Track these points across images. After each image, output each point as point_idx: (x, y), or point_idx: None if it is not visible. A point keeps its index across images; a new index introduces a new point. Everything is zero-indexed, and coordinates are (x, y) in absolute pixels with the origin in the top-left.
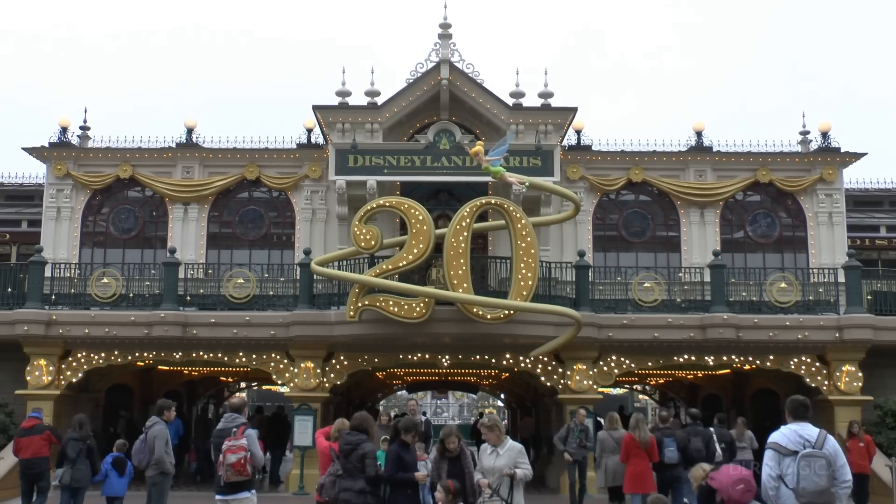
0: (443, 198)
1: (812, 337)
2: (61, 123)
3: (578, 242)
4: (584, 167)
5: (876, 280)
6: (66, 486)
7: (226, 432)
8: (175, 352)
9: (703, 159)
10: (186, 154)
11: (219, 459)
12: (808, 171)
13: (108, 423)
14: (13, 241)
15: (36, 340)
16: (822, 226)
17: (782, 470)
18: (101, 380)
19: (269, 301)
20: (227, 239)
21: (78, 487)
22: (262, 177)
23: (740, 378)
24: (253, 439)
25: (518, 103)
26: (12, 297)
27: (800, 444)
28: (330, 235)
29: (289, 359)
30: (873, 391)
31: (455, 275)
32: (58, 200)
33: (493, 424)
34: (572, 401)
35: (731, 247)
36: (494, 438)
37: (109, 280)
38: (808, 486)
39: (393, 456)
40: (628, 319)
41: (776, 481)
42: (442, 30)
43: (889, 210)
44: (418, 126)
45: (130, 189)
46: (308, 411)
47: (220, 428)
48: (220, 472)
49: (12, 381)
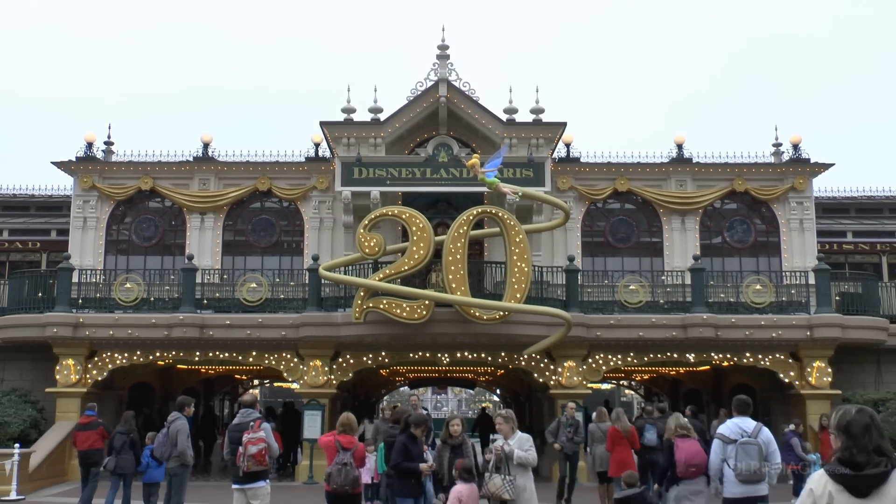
0: (441, 207)
1: (785, 335)
2: (87, 139)
3: (568, 248)
4: (573, 178)
5: (843, 282)
6: (113, 472)
7: (243, 426)
8: (193, 352)
9: (684, 170)
10: (203, 167)
11: (238, 451)
12: (781, 180)
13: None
14: (43, 249)
15: (64, 342)
16: (794, 231)
17: (726, 454)
18: (124, 378)
19: (280, 304)
20: (240, 246)
21: (123, 474)
22: (274, 188)
23: (719, 374)
24: (269, 432)
25: (511, 119)
26: (42, 302)
27: (739, 433)
28: (336, 242)
29: (299, 358)
30: (842, 385)
31: (453, 279)
32: (84, 211)
33: (508, 416)
34: (563, 396)
35: (710, 251)
36: (507, 430)
37: (132, 285)
38: (744, 467)
39: (400, 447)
40: (615, 320)
41: (721, 463)
42: (440, 51)
43: (855, 217)
44: (418, 140)
45: (151, 200)
46: (317, 406)
47: (237, 423)
48: (240, 462)
49: (43, 379)
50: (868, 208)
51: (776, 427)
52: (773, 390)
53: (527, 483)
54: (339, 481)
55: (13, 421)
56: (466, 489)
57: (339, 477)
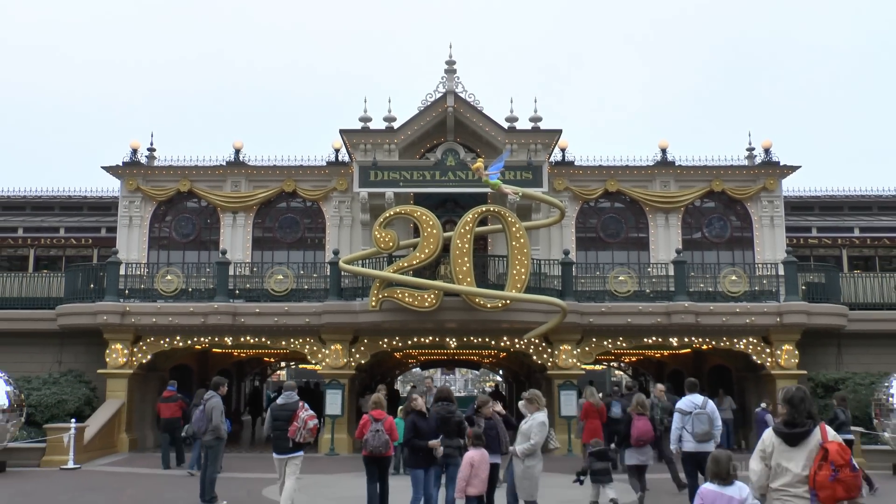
0: (449, 206)
1: (757, 321)
2: (132, 146)
3: (563, 243)
4: (568, 180)
5: (809, 273)
6: (193, 437)
7: (290, 405)
8: (226, 337)
9: (667, 172)
10: (235, 171)
11: (294, 425)
12: (754, 181)
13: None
14: (94, 245)
15: (113, 328)
16: (765, 227)
17: (683, 423)
18: (165, 361)
19: (304, 294)
20: (268, 242)
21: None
22: (298, 189)
23: (699, 356)
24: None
25: (512, 126)
26: (94, 292)
27: (692, 407)
28: (355, 238)
29: (321, 342)
30: (807, 366)
31: (460, 270)
32: (130, 210)
33: (532, 397)
34: (559, 376)
35: (691, 246)
36: (532, 409)
37: (172, 277)
38: (698, 430)
39: (409, 425)
40: (606, 307)
41: (680, 430)
42: (447, 66)
43: (819, 214)
44: (428, 146)
45: (189, 200)
46: (337, 385)
47: (282, 403)
48: (293, 435)
49: (95, 362)
50: (830, 206)
51: (750, 402)
52: (747, 371)
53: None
54: (373, 444)
55: (70, 399)
56: (478, 454)
57: (374, 441)
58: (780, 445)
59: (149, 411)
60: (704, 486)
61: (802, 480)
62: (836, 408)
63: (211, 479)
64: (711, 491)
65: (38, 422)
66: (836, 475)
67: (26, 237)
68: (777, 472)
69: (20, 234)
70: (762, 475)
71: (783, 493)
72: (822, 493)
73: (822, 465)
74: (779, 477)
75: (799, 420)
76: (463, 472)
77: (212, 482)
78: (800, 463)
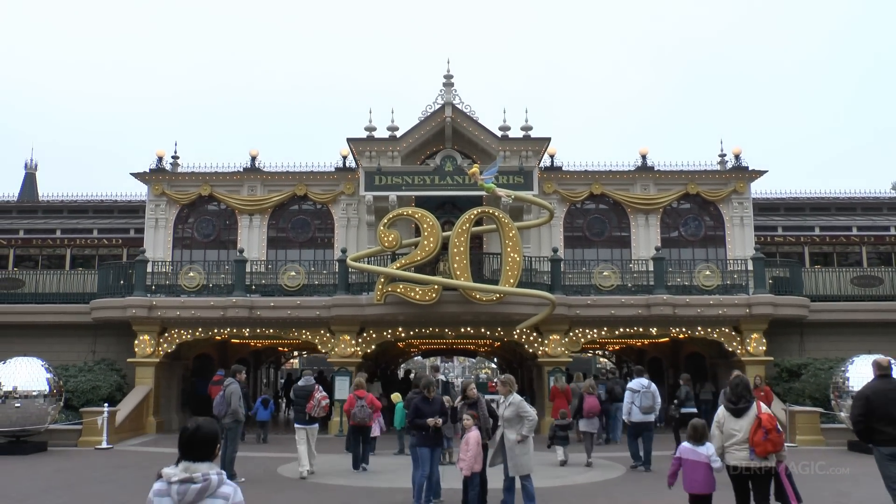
0: (448, 208)
1: (729, 312)
2: (158, 154)
3: (553, 241)
4: (556, 183)
5: (775, 268)
6: None
7: (308, 388)
8: (244, 328)
9: (647, 176)
10: (251, 176)
11: (310, 403)
12: (725, 184)
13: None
14: (124, 245)
15: (141, 321)
16: (736, 227)
17: (633, 399)
18: (189, 350)
19: (315, 289)
20: (282, 241)
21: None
22: (309, 193)
23: (676, 344)
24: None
25: (505, 134)
26: (124, 288)
27: (641, 387)
28: (361, 238)
29: (330, 333)
30: (773, 353)
31: (458, 267)
32: (156, 213)
33: (506, 381)
34: (549, 363)
35: (669, 244)
36: (505, 391)
37: (194, 274)
38: (644, 404)
39: (414, 407)
40: (591, 300)
41: (630, 405)
42: (445, 79)
43: (784, 214)
44: (428, 153)
45: (209, 204)
46: (345, 373)
47: (302, 385)
48: (310, 410)
49: (125, 351)
50: (794, 207)
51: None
52: (719, 357)
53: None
54: (360, 416)
55: (103, 385)
56: (475, 435)
57: (361, 413)
58: (729, 417)
59: (174, 396)
60: (684, 444)
61: (745, 440)
62: (683, 386)
63: (230, 458)
64: (689, 448)
65: (74, 406)
66: (767, 436)
67: (63, 238)
68: (728, 436)
69: (58, 236)
70: (719, 439)
71: (734, 448)
72: (758, 448)
73: (757, 430)
74: (730, 439)
75: (739, 399)
76: (472, 452)
77: (231, 461)
78: (743, 428)
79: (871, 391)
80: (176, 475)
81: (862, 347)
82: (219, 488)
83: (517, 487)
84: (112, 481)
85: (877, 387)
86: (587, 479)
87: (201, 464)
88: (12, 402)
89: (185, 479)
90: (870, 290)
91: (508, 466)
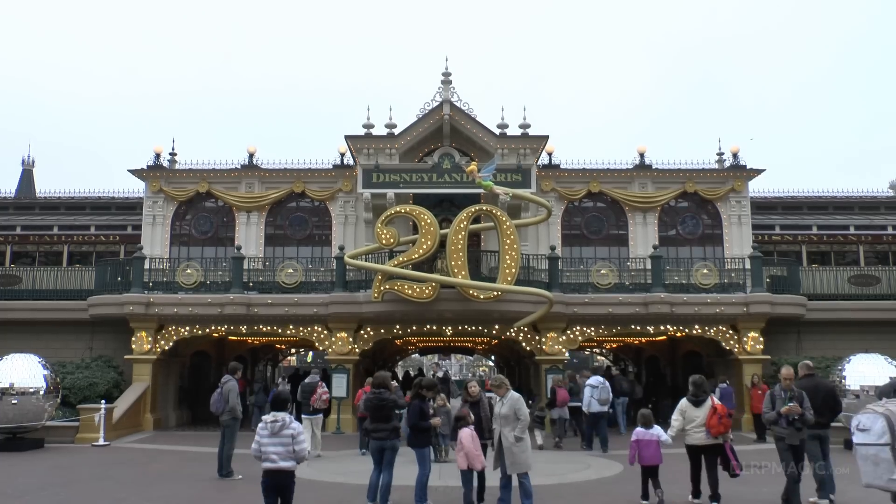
0: (445, 205)
1: (726, 311)
2: (156, 150)
3: (550, 239)
4: (554, 181)
5: (772, 267)
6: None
7: (312, 384)
8: (241, 325)
9: (645, 175)
10: (248, 174)
11: (313, 397)
12: (723, 183)
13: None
14: (121, 242)
15: (138, 317)
16: (734, 225)
17: (593, 394)
18: (186, 347)
19: (313, 286)
20: (279, 238)
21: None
22: (307, 190)
23: (673, 342)
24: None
25: (503, 132)
26: (121, 285)
27: (599, 383)
28: (359, 235)
29: (328, 330)
30: (770, 351)
31: (455, 265)
32: (153, 210)
33: (500, 383)
34: (546, 361)
35: (667, 242)
36: (501, 392)
37: (192, 271)
38: (602, 397)
39: (416, 409)
40: (589, 298)
41: (590, 398)
42: (444, 77)
43: (782, 213)
44: (426, 150)
45: (207, 201)
46: (343, 370)
47: (308, 381)
48: (313, 402)
49: (122, 348)
50: (791, 206)
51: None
52: (717, 356)
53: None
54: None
55: (100, 382)
56: (467, 432)
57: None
58: (690, 407)
59: (171, 393)
60: (637, 429)
61: (702, 424)
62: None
63: (228, 455)
64: (642, 431)
65: (72, 402)
66: (720, 420)
67: (61, 234)
68: (689, 420)
69: (55, 232)
70: (680, 422)
71: (693, 430)
72: (713, 430)
73: (713, 416)
74: (691, 423)
75: (700, 393)
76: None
77: (228, 458)
78: (701, 415)
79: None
80: (269, 418)
81: (859, 346)
82: (291, 424)
83: (514, 485)
84: (109, 478)
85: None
86: (584, 476)
87: (280, 412)
88: (9, 399)
89: (273, 420)
90: (867, 289)
91: (506, 464)
